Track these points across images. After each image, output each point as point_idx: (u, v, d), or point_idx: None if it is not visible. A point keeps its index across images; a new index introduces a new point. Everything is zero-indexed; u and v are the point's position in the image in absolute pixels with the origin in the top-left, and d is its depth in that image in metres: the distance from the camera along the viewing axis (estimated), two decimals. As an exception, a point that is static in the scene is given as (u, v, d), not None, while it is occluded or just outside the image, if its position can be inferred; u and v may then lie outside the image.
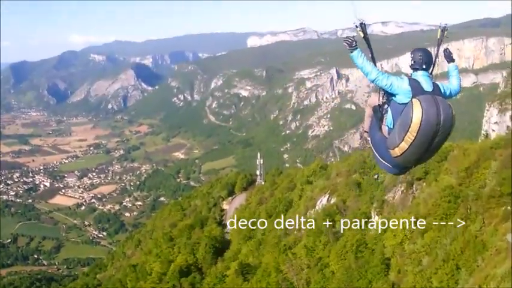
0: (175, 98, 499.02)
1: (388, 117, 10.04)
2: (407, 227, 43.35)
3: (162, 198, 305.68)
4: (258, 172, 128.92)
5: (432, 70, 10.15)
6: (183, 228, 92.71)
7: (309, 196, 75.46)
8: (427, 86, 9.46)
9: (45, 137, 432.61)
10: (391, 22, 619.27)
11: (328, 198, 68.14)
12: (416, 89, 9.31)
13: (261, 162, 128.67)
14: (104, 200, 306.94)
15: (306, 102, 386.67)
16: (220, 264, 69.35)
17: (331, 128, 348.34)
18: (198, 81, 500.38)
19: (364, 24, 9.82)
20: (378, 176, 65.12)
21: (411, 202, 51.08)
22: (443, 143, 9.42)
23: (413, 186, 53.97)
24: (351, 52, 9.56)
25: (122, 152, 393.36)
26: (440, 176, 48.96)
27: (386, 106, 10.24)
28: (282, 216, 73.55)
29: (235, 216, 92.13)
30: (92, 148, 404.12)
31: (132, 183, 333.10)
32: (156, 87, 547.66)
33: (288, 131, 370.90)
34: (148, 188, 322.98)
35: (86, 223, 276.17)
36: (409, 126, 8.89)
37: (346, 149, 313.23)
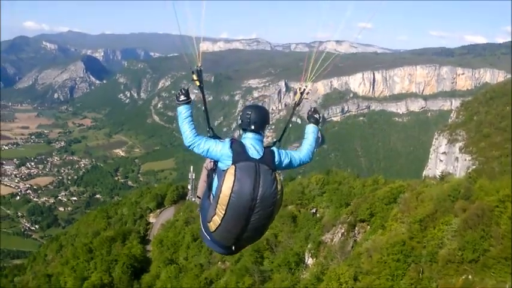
0: (121, 95, 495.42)
1: (214, 184, 8.35)
2: (345, 283, 37.31)
3: (98, 196, 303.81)
4: (189, 186, 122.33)
5: (282, 135, 9.39)
6: (103, 240, 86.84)
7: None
8: (254, 152, 8.08)
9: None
10: (346, 42, 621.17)
11: (258, 230, 61.59)
12: (238, 154, 7.99)
13: (193, 177, 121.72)
14: (39, 191, 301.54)
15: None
16: (135, 290, 63.25)
17: (275, 140, 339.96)
18: (146, 80, 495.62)
19: (201, 70, 9.06)
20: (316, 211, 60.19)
21: (352, 249, 45.33)
22: (267, 222, 7.98)
23: (356, 228, 48.25)
24: (178, 106, 8.64)
25: (62, 143, 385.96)
26: (389, 223, 43.08)
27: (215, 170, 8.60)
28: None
29: (159, 236, 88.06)
30: (33, 137, 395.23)
31: (69, 177, 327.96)
32: (104, 81, 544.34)
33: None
34: (86, 183, 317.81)
35: (20, 214, 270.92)
36: (219, 198, 7.62)
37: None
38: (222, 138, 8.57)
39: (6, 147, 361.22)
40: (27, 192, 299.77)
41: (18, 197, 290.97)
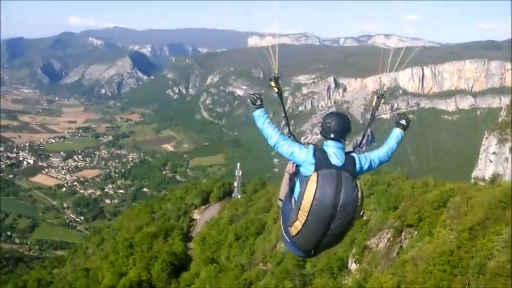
0: (169, 90, 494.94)
1: (296, 189, 8.53)
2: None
3: (145, 189, 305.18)
4: (235, 183, 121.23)
5: (362, 140, 9.55)
6: (145, 235, 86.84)
7: (282, 224, 67.67)
8: (335, 160, 8.11)
9: (35, 115, 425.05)
10: (394, 35, 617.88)
11: (302, 231, 60.07)
12: (321, 161, 8.05)
13: (240, 174, 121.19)
14: (86, 184, 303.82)
15: (300, 108, 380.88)
16: (174, 288, 62.14)
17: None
18: (194, 76, 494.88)
19: (279, 77, 9.39)
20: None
21: (397, 255, 43.42)
22: (346, 229, 8.01)
23: (402, 234, 46.39)
24: (254, 111, 8.94)
25: (110, 138, 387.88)
26: (437, 229, 41.13)
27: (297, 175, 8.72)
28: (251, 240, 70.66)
29: (201, 234, 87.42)
30: (80, 131, 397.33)
31: (117, 170, 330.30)
32: (152, 77, 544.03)
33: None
34: (133, 177, 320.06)
35: (65, 205, 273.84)
36: (301, 204, 7.71)
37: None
38: (303, 143, 8.56)
39: (53, 141, 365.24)
40: (74, 184, 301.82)
41: (64, 189, 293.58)
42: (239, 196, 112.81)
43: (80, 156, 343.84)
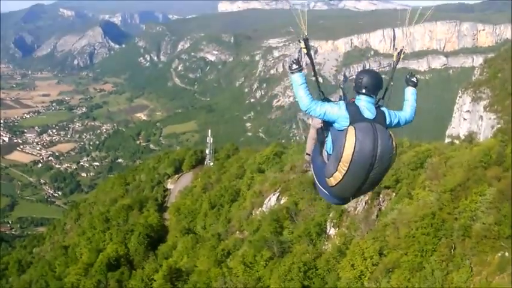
0: (141, 58, 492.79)
1: (328, 142, 9.30)
2: (370, 258, 34.69)
3: (120, 160, 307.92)
4: (207, 151, 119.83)
5: (384, 95, 9.60)
6: (120, 208, 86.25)
7: (257, 190, 68.42)
8: (368, 113, 8.77)
9: (8, 90, 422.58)
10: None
11: (278, 197, 60.48)
12: (354, 115, 8.69)
13: (211, 141, 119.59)
14: (61, 158, 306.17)
15: (272, 72, 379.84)
16: (150, 263, 61.44)
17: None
18: (165, 43, 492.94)
19: (308, 39, 9.39)
20: None
21: (377, 218, 42.62)
22: (383, 176, 8.64)
23: (380, 196, 45.42)
24: (292, 73, 9.06)
25: (84, 109, 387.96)
26: (416, 191, 40.50)
27: (327, 129, 9.42)
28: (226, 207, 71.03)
29: (176, 204, 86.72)
30: (54, 104, 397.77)
31: (91, 143, 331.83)
32: (123, 45, 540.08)
33: (252, 100, 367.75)
34: (107, 148, 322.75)
35: (42, 181, 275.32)
36: (341, 156, 8.29)
37: (310, 121, 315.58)
38: (333, 101, 9.34)
39: (28, 116, 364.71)
40: (49, 159, 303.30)
41: (40, 165, 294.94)
42: (211, 163, 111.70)
43: (54, 131, 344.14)
